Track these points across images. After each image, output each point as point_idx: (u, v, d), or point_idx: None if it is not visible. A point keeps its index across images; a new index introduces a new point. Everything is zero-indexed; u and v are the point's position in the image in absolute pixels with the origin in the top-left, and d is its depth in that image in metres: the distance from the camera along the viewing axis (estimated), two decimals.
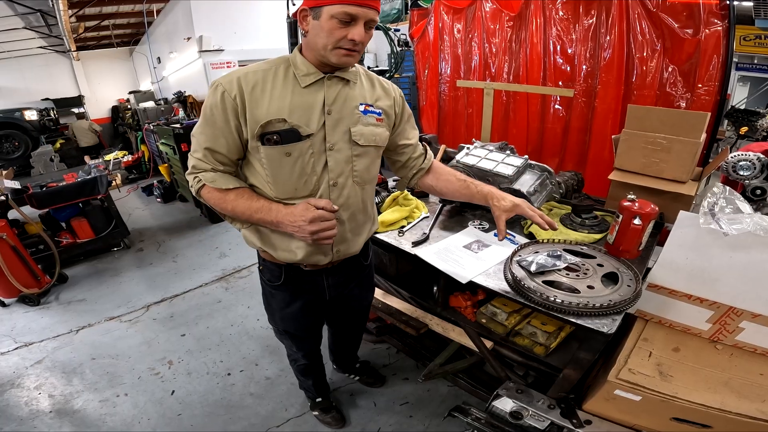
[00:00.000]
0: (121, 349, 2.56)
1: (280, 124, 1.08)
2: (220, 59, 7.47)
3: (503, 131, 2.96)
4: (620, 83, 2.32)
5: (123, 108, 10.71)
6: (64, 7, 6.76)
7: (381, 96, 1.23)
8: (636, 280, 1.18)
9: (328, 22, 0.99)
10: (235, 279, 3.34)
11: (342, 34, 1.00)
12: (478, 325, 1.57)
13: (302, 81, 1.10)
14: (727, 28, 1.99)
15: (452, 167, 1.68)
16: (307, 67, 1.10)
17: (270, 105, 1.07)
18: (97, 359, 2.48)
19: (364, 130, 1.16)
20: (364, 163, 1.20)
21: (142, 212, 5.35)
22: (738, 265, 1.14)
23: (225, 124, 1.09)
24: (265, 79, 1.09)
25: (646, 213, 1.24)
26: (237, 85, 1.07)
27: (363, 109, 1.17)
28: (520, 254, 1.33)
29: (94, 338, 2.69)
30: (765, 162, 1.68)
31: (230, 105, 1.07)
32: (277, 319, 1.50)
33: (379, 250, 1.84)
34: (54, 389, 2.26)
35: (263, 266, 1.36)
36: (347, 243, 1.27)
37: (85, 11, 8.59)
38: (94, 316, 2.95)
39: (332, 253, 1.26)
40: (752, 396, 1.12)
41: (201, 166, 1.14)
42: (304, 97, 1.10)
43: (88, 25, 9.76)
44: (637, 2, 2.20)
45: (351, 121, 1.15)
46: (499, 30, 2.83)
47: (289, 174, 1.12)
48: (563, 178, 1.84)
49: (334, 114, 1.12)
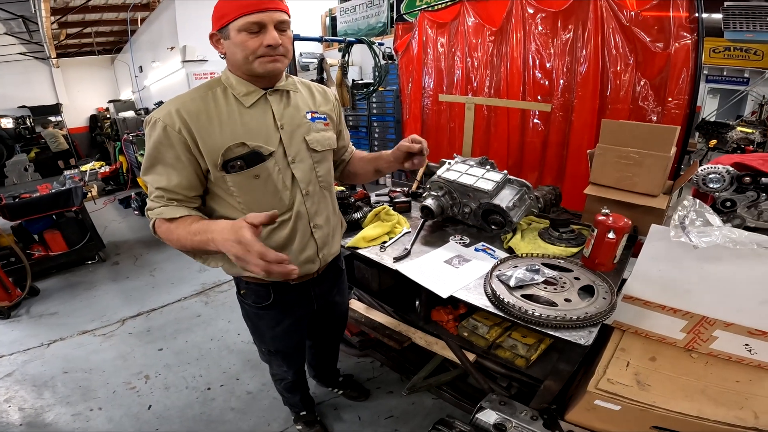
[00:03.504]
0: (94, 363, 2.48)
1: (240, 148, 1.06)
2: (204, 69, 7.42)
3: (485, 145, 2.98)
4: (596, 97, 2.37)
5: (102, 117, 10.53)
6: (46, 13, 6.67)
7: (321, 102, 1.26)
8: (611, 293, 1.21)
9: (238, 36, 1.00)
10: (215, 293, 3.28)
11: (256, 43, 1.00)
12: (460, 339, 1.57)
13: (245, 101, 1.08)
14: (696, 41, 2.04)
15: (433, 182, 1.72)
16: (246, 86, 1.09)
17: (222, 131, 1.04)
18: (70, 373, 2.41)
19: (318, 136, 1.20)
20: (325, 167, 1.24)
21: (119, 225, 5.23)
22: (709, 276, 1.17)
23: (175, 160, 1.03)
24: (207, 105, 1.06)
25: (620, 227, 1.28)
26: (178, 117, 1.01)
27: (310, 116, 1.19)
28: (500, 269, 1.35)
29: (66, 352, 2.62)
30: (734, 174, 1.74)
31: (177, 139, 1.01)
32: (267, 340, 1.47)
33: (362, 266, 1.83)
34: (24, 402, 2.18)
35: (246, 290, 1.32)
36: (329, 246, 1.31)
37: (68, 18, 8.49)
38: (66, 329, 2.87)
39: (319, 259, 1.28)
40: (729, 403, 1.14)
41: (150, 206, 1.07)
42: (253, 116, 1.09)
43: (70, 32, 9.62)
44: (612, 16, 2.25)
45: (304, 131, 1.16)
46: (481, 44, 2.88)
47: (263, 195, 1.12)
48: (542, 192, 1.88)
49: (287, 127, 1.13)
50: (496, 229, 1.61)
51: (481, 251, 1.54)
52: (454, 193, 1.67)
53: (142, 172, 1.08)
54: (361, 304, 2.03)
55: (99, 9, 8.82)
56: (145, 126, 1.06)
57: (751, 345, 1.20)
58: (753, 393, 1.16)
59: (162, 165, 1.04)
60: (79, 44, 10.93)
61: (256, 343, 1.57)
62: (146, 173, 1.06)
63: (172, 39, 7.56)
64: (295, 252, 1.21)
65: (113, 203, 6.15)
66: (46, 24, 7.17)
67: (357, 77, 6.88)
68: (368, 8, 6.42)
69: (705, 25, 2.03)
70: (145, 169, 1.07)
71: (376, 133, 5.09)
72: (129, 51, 9.84)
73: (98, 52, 11.28)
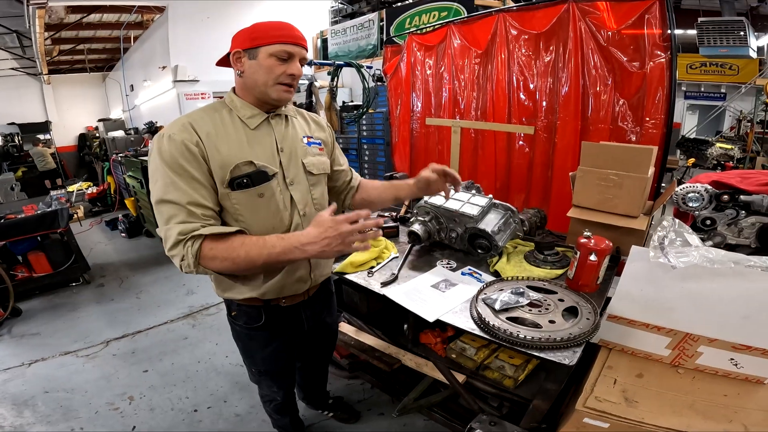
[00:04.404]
0: (76, 383, 2.43)
1: (248, 167, 1.10)
2: (195, 90, 7.46)
3: (473, 167, 2.99)
4: (577, 118, 2.40)
5: (91, 136, 10.42)
6: (40, 29, 6.69)
7: (315, 128, 1.34)
8: (594, 313, 1.23)
9: (267, 60, 1.06)
10: (202, 316, 3.23)
11: (282, 70, 1.07)
12: (449, 360, 1.57)
13: (250, 123, 1.14)
14: (669, 59, 2.07)
15: (420, 207, 1.74)
16: (250, 109, 1.14)
17: (230, 149, 1.09)
18: (51, 392, 2.36)
19: (314, 160, 1.25)
20: (320, 190, 1.30)
21: (105, 247, 5.17)
22: (690, 294, 1.20)
23: (199, 171, 1.03)
24: (215, 124, 1.10)
25: (601, 249, 1.31)
26: (192, 129, 1.05)
27: (306, 141, 1.25)
28: (486, 292, 1.37)
29: (47, 372, 2.57)
30: (712, 193, 1.79)
31: (196, 151, 1.03)
32: (258, 361, 1.48)
33: (350, 290, 1.84)
34: (3, 420, 2.13)
35: (237, 311, 1.33)
36: (321, 267, 1.34)
37: (62, 34, 8.53)
38: (48, 350, 2.82)
39: (311, 279, 1.30)
40: (718, 417, 1.15)
41: (186, 229, 0.99)
42: (258, 138, 1.14)
43: (63, 48, 9.64)
44: (590, 36, 2.28)
45: (301, 154, 1.22)
46: (467, 66, 2.92)
47: (266, 214, 1.14)
48: (527, 215, 1.91)
49: (286, 150, 1.18)
50: (483, 253, 1.63)
51: (467, 275, 1.56)
52: (441, 218, 1.70)
53: (159, 193, 1.00)
54: (350, 327, 2.02)
55: (93, 26, 8.88)
56: (155, 144, 1.04)
57: (736, 359, 1.22)
58: (742, 406, 1.17)
59: (185, 179, 1.01)
60: (71, 61, 10.95)
61: (246, 364, 1.56)
62: (167, 192, 1.00)
63: (164, 58, 7.62)
64: (288, 271, 1.24)
65: (99, 225, 6.09)
66: (39, 40, 7.19)
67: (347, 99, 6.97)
68: (359, 30, 6.56)
69: (682, 42, 2.09)
70: (164, 186, 1.00)
71: (366, 155, 5.12)
72: (121, 69, 9.88)
73: (90, 70, 11.30)
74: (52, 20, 7.58)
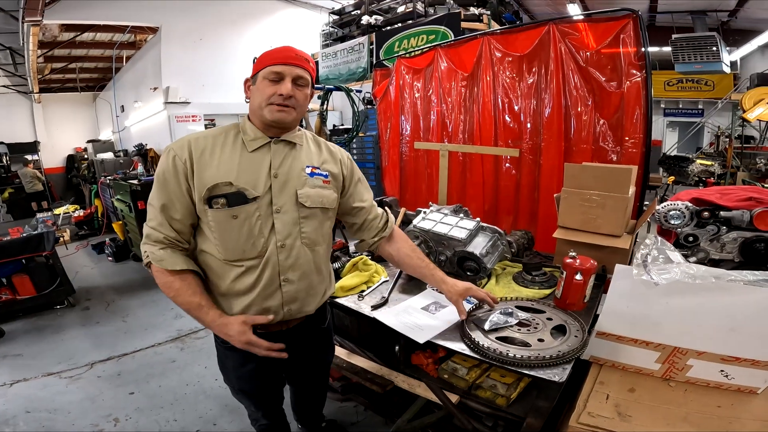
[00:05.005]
0: (59, 404, 2.37)
1: (227, 187, 1.12)
2: (186, 112, 7.46)
3: (461, 191, 3.01)
4: (561, 139, 2.44)
5: (79, 158, 10.34)
6: (33, 47, 6.70)
7: (327, 159, 1.30)
8: (582, 331, 1.25)
9: (262, 83, 1.14)
10: (191, 339, 3.17)
11: (272, 90, 1.13)
12: (441, 381, 1.57)
13: (249, 146, 1.17)
14: (645, 78, 2.12)
15: (409, 232, 1.75)
16: (255, 133, 1.18)
17: (218, 169, 1.13)
18: (33, 413, 2.30)
19: (311, 192, 1.21)
20: (312, 224, 1.23)
21: (91, 270, 5.09)
22: (675, 309, 1.22)
23: (177, 187, 1.13)
24: (215, 144, 1.16)
25: (586, 268, 1.34)
26: (188, 149, 1.13)
27: (309, 171, 1.23)
28: (475, 313, 1.39)
29: (29, 392, 2.51)
30: (693, 210, 1.84)
31: (181, 168, 1.12)
32: (232, 378, 1.45)
33: (340, 313, 1.84)
34: None
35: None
36: (299, 302, 1.27)
37: (55, 52, 8.58)
38: (30, 370, 2.75)
39: (282, 311, 1.25)
40: (712, 428, 1.15)
41: (154, 236, 1.14)
42: (251, 160, 1.16)
43: (55, 67, 9.65)
44: (570, 57, 2.34)
45: (298, 184, 1.19)
46: (454, 89, 2.95)
47: (237, 236, 1.15)
48: (514, 237, 1.95)
49: (280, 177, 1.17)
50: (472, 275, 1.66)
51: None
52: (430, 241, 1.73)
53: (150, 197, 1.17)
54: (342, 350, 2.00)
55: (86, 45, 8.96)
56: (163, 153, 1.19)
57: (726, 371, 1.23)
58: (736, 416, 1.17)
59: (166, 190, 1.13)
60: (62, 79, 10.96)
61: (224, 379, 1.53)
62: (153, 195, 1.16)
63: (155, 79, 7.66)
64: (256, 299, 1.20)
65: (86, 248, 5.99)
66: (32, 57, 7.18)
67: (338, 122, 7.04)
68: (349, 54, 6.70)
69: (659, 59, 2.17)
70: (152, 191, 1.17)
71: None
72: (112, 89, 9.89)
73: (81, 89, 11.31)
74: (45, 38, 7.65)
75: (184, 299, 1.15)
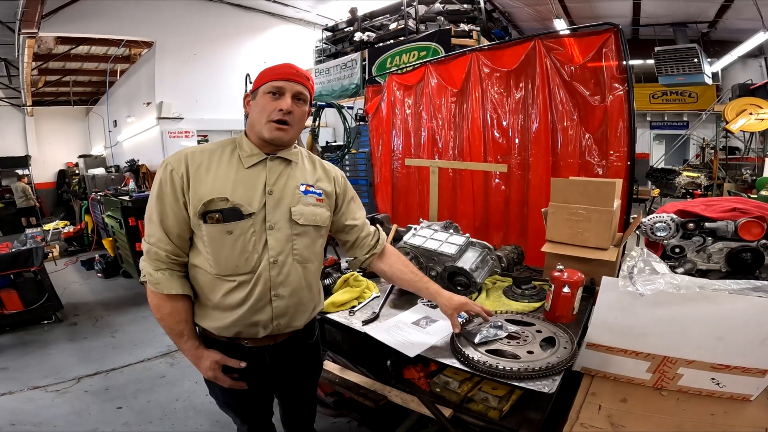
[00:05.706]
0: (45, 418, 2.33)
1: (222, 202, 1.13)
2: (179, 128, 7.42)
3: (452, 207, 3.01)
4: (548, 154, 2.47)
5: (70, 173, 10.23)
6: (28, 59, 6.68)
7: (322, 177, 1.31)
8: (572, 342, 1.26)
9: (262, 98, 1.16)
10: (181, 355, 3.10)
11: (273, 106, 1.14)
12: (433, 395, 1.56)
13: (245, 162, 1.18)
14: (627, 91, 2.15)
15: (399, 248, 1.76)
16: (251, 149, 1.19)
17: (213, 184, 1.14)
18: (17, 425, 2.27)
19: (305, 210, 1.22)
20: (305, 242, 1.24)
21: (80, 287, 5.05)
22: (662, 319, 1.24)
23: (174, 201, 1.13)
24: (211, 159, 1.17)
25: (574, 281, 1.37)
26: (184, 162, 1.14)
27: (304, 189, 1.24)
28: (466, 327, 1.39)
29: (14, 405, 2.48)
30: (678, 222, 1.87)
31: (177, 182, 1.13)
32: (217, 391, 1.42)
33: (332, 329, 1.84)
34: None
35: (203, 337, 1.32)
36: (288, 317, 1.27)
37: (49, 65, 8.57)
38: (15, 384, 2.72)
39: (272, 325, 1.25)
40: None
41: (154, 253, 1.15)
42: (247, 177, 1.17)
43: (49, 80, 9.63)
44: (555, 72, 2.37)
45: (292, 201, 1.20)
46: (444, 105, 2.97)
47: (231, 252, 1.15)
48: (504, 252, 1.97)
49: (275, 194, 1.18)
50: (462, 290, 1.67)
51: None
52: (421, 257, 1.75)
53: (147, 211, 1.19)
54: (334, 365, 1.99)
55: (80, 58, 8.97)
56: (159, 168, 1.19)
57: (717, 378, 1.25)
58: (730, 424, 1.18)
59: (162, 203, 1.14)
60: (56, 92, 10.92)
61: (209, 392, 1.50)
62: (150, 209, 1.17)
63: (149, 94, 7.67)
64: (246, 313, 1.20)
65: (75, 264, 5.95)
66: (27, 69, 7.15)
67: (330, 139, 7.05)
68: (342, 70, 6.78)
69: (643, 71, 2.21)
70: (149, 206, 1.18)
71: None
72: (105, 103, 9.86)
73: (74, 103, 11.23)
74: (41, 50, 7.64)
75: (169, 324, 1.19)
